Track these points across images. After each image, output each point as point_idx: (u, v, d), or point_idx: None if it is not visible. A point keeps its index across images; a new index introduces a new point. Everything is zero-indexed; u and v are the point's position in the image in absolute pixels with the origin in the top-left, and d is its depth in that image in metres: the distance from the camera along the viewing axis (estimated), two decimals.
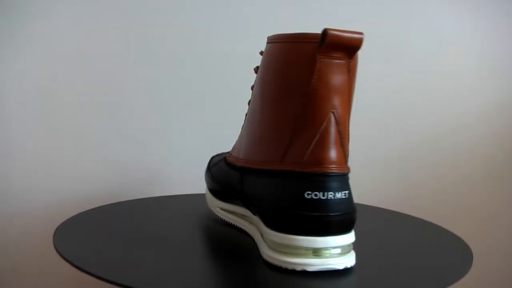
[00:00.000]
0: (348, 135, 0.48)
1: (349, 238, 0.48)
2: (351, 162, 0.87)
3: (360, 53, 0.86)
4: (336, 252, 0.47)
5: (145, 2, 0.81)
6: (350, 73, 0.48)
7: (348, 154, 0.48)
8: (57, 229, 0.56)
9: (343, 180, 0.47)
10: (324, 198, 0.46)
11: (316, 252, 0.47)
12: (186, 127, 0.84)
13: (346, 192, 0.47)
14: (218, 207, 0.63)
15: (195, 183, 0.84)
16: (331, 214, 0.46)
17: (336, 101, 0.47)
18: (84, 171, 0.83)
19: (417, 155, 0.87)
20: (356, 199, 0.85)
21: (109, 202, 0.76)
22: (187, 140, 0.84)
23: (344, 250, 0.48)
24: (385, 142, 0.87)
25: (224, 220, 0.63)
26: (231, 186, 0.57)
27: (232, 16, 0.83)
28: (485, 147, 0.87)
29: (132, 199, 0.73)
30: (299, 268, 0.47)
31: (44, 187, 0.82)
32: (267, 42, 0.52)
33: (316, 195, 0.46)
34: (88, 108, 0.82)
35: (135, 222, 0.61)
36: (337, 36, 0.46)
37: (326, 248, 0.47)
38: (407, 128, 0.87)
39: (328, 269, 0.47)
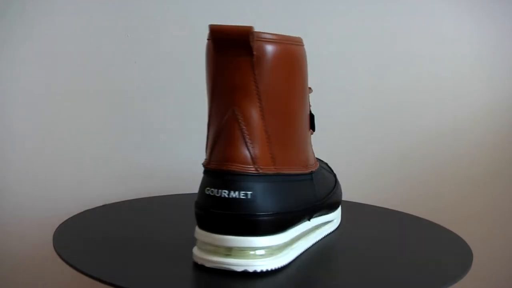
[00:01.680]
0: (265, 134, 0.46)
1: (259, 241, 0.46)
2: (351, 162, 0.87)
3: (360, 54, 0.86)
4: (260, 253, 0.46)
5: (145, 2, 0.81)
6: (260, 70, 0.46)
7: (267, 154, 0.46)
8: (56, 229, 0.56)
9: (243, 180, 0.45)
10: (218, 195, 0.45)
11: (230, 250, 0.46)
12: (186, 127, 0.84)
13: (248, 193, 0.45)
14: None
15: (195, 182, 0.84)
16: (227, 212, 0.45)
17: (237, 98, 0.46)
18: (84, 171, 0.83)
19: (418, 155, 0.86)
20: (357, 199, 0.85)
21: (109, 202, 0.76)
22: (187, 139, 0.84)
23: (270, 252, 0.46)
24: (385, 142, 0.86)
25: None
26: None
27: (233, 16, 0.83)
28: (486, 147, 0.87)
29: (132, 199, 0.73)
30: (199, 262, 0.47)
31: (43, 187, 0.82)
32: None
33: (212, 191, 0.46)
34: (87, 108, 0.82)
35: (135, 222, 0.61)
36: (217, 29, 0.45)
37: (243, 248, 0.45)
38: (408, 128, 0.86)
39: (226, 269, 0.45)
